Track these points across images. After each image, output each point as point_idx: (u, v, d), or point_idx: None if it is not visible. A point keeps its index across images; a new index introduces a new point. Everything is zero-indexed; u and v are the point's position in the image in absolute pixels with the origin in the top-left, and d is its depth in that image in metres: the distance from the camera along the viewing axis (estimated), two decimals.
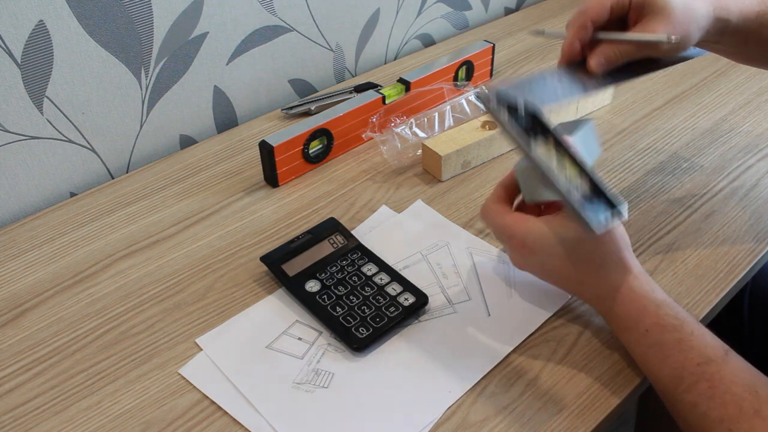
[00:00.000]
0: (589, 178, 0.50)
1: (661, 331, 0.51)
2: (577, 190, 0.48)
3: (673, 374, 0.50)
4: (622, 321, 0.54)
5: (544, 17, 1.12)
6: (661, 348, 0.51)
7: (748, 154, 0.79)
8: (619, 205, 0.49)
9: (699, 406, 0.48)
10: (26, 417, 0.54)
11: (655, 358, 0.51)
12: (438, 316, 0.61)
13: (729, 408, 0.47)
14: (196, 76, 0.83)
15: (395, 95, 0.83)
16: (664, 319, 0.51)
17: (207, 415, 0.53)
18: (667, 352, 0.50)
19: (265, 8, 0.85)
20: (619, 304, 0.53)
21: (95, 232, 0.71)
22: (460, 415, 0.53)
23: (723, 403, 0.47)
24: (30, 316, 0.62)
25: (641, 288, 0.53)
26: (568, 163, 0.50)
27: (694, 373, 0.49)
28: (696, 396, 0.48)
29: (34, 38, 0.68)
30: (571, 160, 0.51)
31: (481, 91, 0.52)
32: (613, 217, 0.49)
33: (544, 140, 0.51)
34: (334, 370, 0.56)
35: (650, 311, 0.52)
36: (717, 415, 0.47)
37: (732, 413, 0.47)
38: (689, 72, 0.96)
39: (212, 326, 0.60)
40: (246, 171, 0.80)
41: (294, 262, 0.64)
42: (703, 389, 0.48)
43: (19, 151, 0.73)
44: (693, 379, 0.49)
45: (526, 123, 0.51)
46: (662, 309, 0.52)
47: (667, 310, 0.52)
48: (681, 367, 0.50)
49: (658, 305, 0.52)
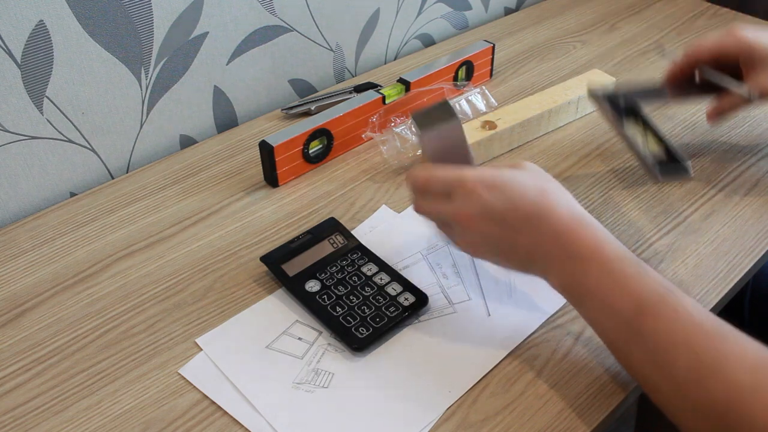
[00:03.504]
0: (665, 147, 0.68)
1: (621, 256, 0.50)
2: (654, 155, 0.68)
3: (633, 303, 0.48)
4: (582, 251, 0.50)
5: (544, 17, 1.12)
6: (625, 275, 0.49)
7: (748, 154, 0.79)
8: (684, 162, 0.66)
9: (659, 334, 0.46)
10: (26, 417, 0.54)
11: (620, 286, 0.48)
12: (438, 316, 0.61)
13: (693, 328, 0.46)
14: (196, 76, 0.83)
15: (395, 95, 0.83)
16: (620, 252, 0.50)
17: (207, 415, 0.53)
18: (630, 279, 0.48)
19: (265, 8, 0.85)
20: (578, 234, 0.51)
21: (95, 232, 0.71)
22: (460, 415, 0.53)
23: (686, 324, 0.46)
24: (30, 316, 0.62)
25: (593, 224, 0.52)
26: (651, 137, 0.70)
27: (659, 295, 0.47)
28: (656, 322, 0.47)
29: (34, 38, 0.68)
30: (653, 136, 0.70)
31: (590, 86, 0.73)
32: (679, 173, 0.67)
33: (634, 122, 0.71)
34: (334, 370, 0.56)
35: (603, 239, 0.51)
36: (681, 339, 0.46)
37: (696, 333, 0.46)
38: None
39: (212, 326, 0.60)
40: (246, 171, 0.80)
41: (294, 262, 0.64)
42: (667, 311, 0.47)
43: (19, 151, 0.73)
44: (656, 306, 0.47)
45: (622, 109, 0.71)
46: (615, 244, 0.51)
47: (617, 245, 0.51)
48: (644, 291, 0.48)
49: (610, 241, 0.51)
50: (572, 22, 1.11)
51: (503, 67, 0.98)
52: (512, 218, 0.52)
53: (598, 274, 0.49)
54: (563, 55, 1.01)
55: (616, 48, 1.03)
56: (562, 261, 0.51)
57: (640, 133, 0.69)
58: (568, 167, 0.78)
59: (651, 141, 0.68)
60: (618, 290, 0.48)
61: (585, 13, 1.13)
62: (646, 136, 0.69)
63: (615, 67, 0.97)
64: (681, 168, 0.65)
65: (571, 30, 1.08)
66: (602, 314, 0.50)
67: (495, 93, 0.92)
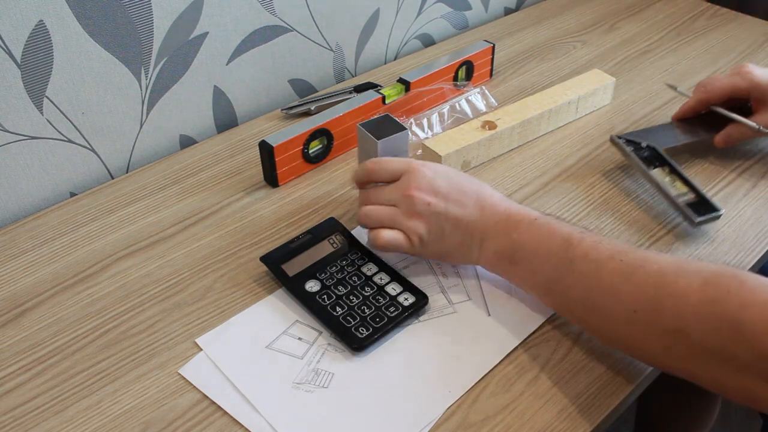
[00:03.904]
0: (695, 191, 0.69)
1: (544, 215, 0.58)
2: (684, 198, 0.69)
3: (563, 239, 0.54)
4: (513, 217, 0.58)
5: (544, 17, 1.12)
6: (550, 224, 0.56)
7: (748, 154, 0.79)
8: (718, 209, 0.67)
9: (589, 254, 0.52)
10: (26, 417, 0.54)
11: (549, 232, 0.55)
12: (438, 316, 0.61)
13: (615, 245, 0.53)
14: (196, 76, 0.83)
15: (395, 95, 0.83)
16: (545, 214, 0.58)
17: (207, 415, 0.53)
18: (555, 226, 0.56)
19: (265, 8, 0.85)
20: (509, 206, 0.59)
21: (95, 232, 0.71)
22: (460, 415, 0.53)
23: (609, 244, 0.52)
24: (30, 316, 0.62)
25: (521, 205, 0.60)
26: (679, 182, 0.71)
27: (581, 231, 0.55)
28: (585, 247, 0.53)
29: (34, 38, 0.68)
30: (681, 180, 0.71)
31: (613, 137, 0.76)
32: (710, 212, 0.67)
33: (661, 167, 0.72)
34: (334, 370, 0.56)
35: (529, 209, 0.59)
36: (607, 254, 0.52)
37: (618, 248, 0.52)
38: (689, 72, 0.96)
39: (212, 326, 0.60)
40: (246, 171, 0.80)
41: (294, 262, 0.64)
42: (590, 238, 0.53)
43: (19, 151, 0.73)
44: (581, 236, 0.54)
45: (647, 155, 0.73)
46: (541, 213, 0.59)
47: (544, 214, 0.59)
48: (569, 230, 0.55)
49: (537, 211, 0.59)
50: (572, 22, 1.11)
51: (503, 67, 0.98)
52: (455, 195, 0.59)
53: (529, 228, 0.56)
54: (563, 55, 1.01)
55: (616, 48, 1.03)
56: (499, 225, 0.58)
57: (667, 176, 0.71)
58: (567, 167, 0.78)
59: (678, 184, 0.70)
60: (546, 235, 0.55)
61: (585, 13, 1.13)
62: (674, 179, 0.71)
63: (615, 67, 0.97)
64: (712, 207, 0.67)
65: (571, 30, 1.08)
66: (537, 258, 0.55)
67: (495, 93, 0.92)
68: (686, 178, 0.71)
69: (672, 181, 0.70)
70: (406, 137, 0.67)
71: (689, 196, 0.69)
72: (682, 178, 0.71)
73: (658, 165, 0.72)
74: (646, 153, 0.74)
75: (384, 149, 0.66)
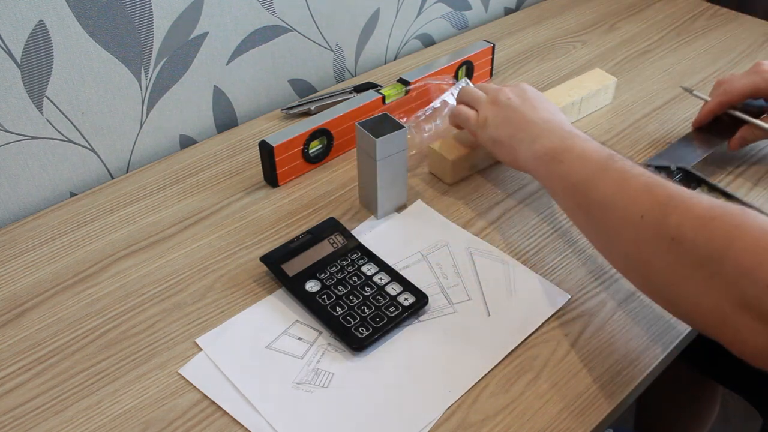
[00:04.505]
0: (742, 204, 0.66)
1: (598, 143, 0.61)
2: None
3: (609, 154, 0.58)
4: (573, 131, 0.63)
5: (544, 17, 1.12)
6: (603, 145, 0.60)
7: (748, 154, 0.79)
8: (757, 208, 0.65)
9: (625, 169, 0.55)
10: (26, 417, 0.54)
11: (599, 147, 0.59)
12: (438, 316, 0.61)
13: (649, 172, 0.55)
14: (196, 76, 0.83)
15: (395, 95, 0.83)
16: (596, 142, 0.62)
17: (207, 415, 0.53)
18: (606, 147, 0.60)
19: (265, 8, 0.85)
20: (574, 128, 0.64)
21: (95, 232, 0.71)
22: (460, 415, 0.53)
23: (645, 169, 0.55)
24: (30, 316, 0.62)
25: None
26: (723, 198, 0.66)
27: (626, 157, 0.58)
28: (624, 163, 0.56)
29: (34, 38, 0.68)
30: (724, 196, 0.70)
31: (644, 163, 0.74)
32: None
33: (699, 188, 0.72)
34: (334, 370, 0.56)
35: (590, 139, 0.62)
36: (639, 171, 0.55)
37: (651, 174, 0.54)
38: (689, 72, 0.96)
39: (212, 326, 0.60)
40: (246, 171, 0.80)
41: (294, 262, 0.64)
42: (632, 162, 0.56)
43: (19, 151, 0.73)
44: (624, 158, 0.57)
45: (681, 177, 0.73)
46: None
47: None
48: (617, 152, 0.58)
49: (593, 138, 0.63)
50: (572, 22, 1.11)
51: (503, 67, 0.99)
52: (534, 100, 0.68)
53: (583, 140, 0.61)
54: (563, 55, 1.01)
55: (616, 48, 1.03)
56: (556, 131, 0.63)
57: (710, 195, 0.70)
58: None
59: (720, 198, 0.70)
60: (597, 148, 0.59)
61: (585, 13, 1.13)
62: (717, 197, 0.69)
63: (615, 67, 0.97)
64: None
65: (571, 30, 1.08)
66: (579, 163, 0.59)
67: None
68: (728, 193, 0.70)
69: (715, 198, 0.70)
70: (404, 135, 0.67)
71: None
72: (724, 194, 0.70)
73: (695, 185, 0.72)
74: (679, 176, 0.73)
75: (382, 148, 0.66)
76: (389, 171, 0.68)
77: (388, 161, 0.67)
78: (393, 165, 0.68)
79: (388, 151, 0.67)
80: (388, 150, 0.67)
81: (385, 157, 0.67)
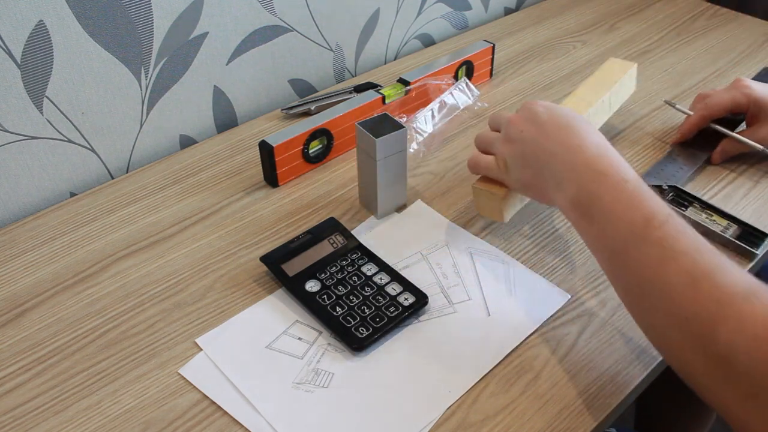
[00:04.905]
0: (735, 221, 0.69)
1: (637, 179, 0.53)
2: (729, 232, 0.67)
3: (644, 215, 0.50)
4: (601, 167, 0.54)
5: (544, 17, 1.12)
6: (639, 192, 0.51)
7: (748, 154, 0.79)
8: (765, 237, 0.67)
9: (666, 240, 0.48)
10: (26, 417, 0.54)
11: (633, 200, 0.51)
12: (438, 316, 0.61)
13: (694, 241, 0.48)
14: (196, 76, 0.83)
15: (395, 95, 0.83)
16: (636, 176, 0.54)
17: (207, 415, 0.53)
18: (643, 196, 0.51)
19: (265, 8, 0.85)
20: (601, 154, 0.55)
21: (95, 232, 0.71)
22: (460, 415, 0.53)
23: (689, 237, 0.48)
24: (30, 316, 0.62)
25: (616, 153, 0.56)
26: (716, 215, 0.70)
27: (667, 213, 0.50)
28: (664, 232, 0.48)
29: (34, 38, 0.68)
30: (717, 213, 0.70)
31: None
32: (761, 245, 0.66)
33: (692, 206, 0.71)
34: (334, 370, 0.56)
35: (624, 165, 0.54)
36: (683, 247, 0.47)
37: (697, 245, 0.48)
38: (689, 72, 0.96)
39: (212, 326, 0.60)
40: (246, 171, 0.80)
41: (294, 262, 0.64)
42: (674, 224, 0.49)
43: (19, 151, 0.73)
44: (664, 218, 0.49)
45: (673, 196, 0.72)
46: (633, 171, 0.54)
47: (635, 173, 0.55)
48: (655, 207, 0.50)
49: (629, 168, 0.54)
50: (572, 22, 1.11)
51: (503, 67, 0.99)
52: (548, 124, 0.59)
53: (615, 187, 0.52)
54: (563, 55, 1.01)
55: (616, 48, 1.03)
56: (581, 170, 0.54)
57: (702, 212, 0.70)
58: None
59: (717, 217, 0.69)
60: (631, 203, 0.51)
61: (585, 13, 1.13)
62: (710, 214, 0.70)
63: None
64: (761, 233, 0.67)
65: (571, 30, 1.08)
66: (611, 224, 0.51)
67: (495, 93, 0.92)
68: (720, 210, 0.70)
69: (709, 216, 0.69)
70: (404, 135, 0.67)
71: (733, 229, 0.68)
72: (716, 210, 0.70)
73: (688, 204, 0.71)
74: (671, 194, 0.72)
75: (382, 148, 0.66)
76: (389, 171, 0.69)
77: (388, 161, 0.67)
78: (393, 165, 0.68)
79: (388, 151, 0.67)
80: (388, 150, 0.67)
81: (385, 157, 0.67)
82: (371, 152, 0.67)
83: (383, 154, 0.67)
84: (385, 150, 0.66)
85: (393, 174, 0.69)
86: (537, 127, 0.59)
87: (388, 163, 0.68)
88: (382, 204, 0.71)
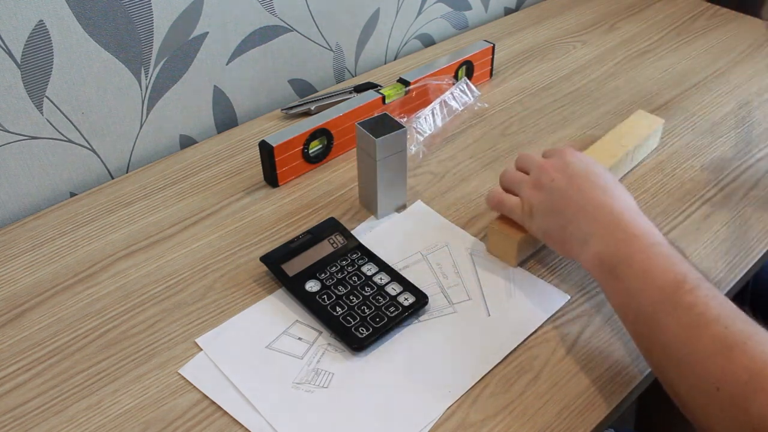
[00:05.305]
0: None
1: (669, 244, 0.52)
2: None
3: (676, 278, 0.49)
4: (632, 229, 0.53)
5: (544, 17, 1.12)
6: (670, 255, 0.51)
7: (748, 154, 0.79)
8: None
9: (697, 306, 0.47)
10: (26, 417, 0.54)
11: (665, 262, 0.50)
12: (438, 316, 0.61)
13: (726, 307, 0.46)
14: (196, 76, 0.83)
15: (395, 95, 0.83)
16: (666, 240, 0.53)
17: (207, 415, 0.53)
18: (674, 259, 0.50)
19: (265, 8, 0.85)
20: (632, 218, 0.55)
21: (95, 232, 0.71)
22: (460, 415, 0.53)
23: (721, 303, 0.47)
24: (30, 316, 0.62)
25: (647, 219, 0.55)
26: None
27: (698, 278, 0.49)
28: (695, 297, 0.47)
29: (34, 38, 0.68)
30: None
31: None
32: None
33: None
34: (334, 370, 0.56)
35: (655, 231, 0.54)
36: (714, 314, 0.46)
37: (728, 312, 0.46)
38: (689, 72, 0.96)
39: (212, 326, 0.60)
40: (246, 171, 0.80)
41: (294, 262, 0.64)
42: (705, 289, 0.48)
43: (19, 151, 0.73)
44: (696, 283, 0.48)
45: None
46: (662, 235, 0.54)
47: (664, 237, 0.54)
48: (687, 271, 0.49)
49: (658, 232, 0.54)
50: (572, 22, 1.11)
51: (503, 67, 0.99)
52: (581, 178, 0.58)
53: (644, 249, 0.51)
54: (563, 55, 1.01)
55: (616, 48, 1.03)
56: (611, 229, 0.54)
57: None
58: None
59: None
60: (662, 265, 0.50)
61: (585, 13, 1.13)
62: None
63: (615, 67, 0.97)
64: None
65: (571, 30, 1.08)
66: (640, 286, 0.50)
67: (495, 93, 0.92)
68: None
69: None
70: (404, 136, 0.68)
71: None
72: None
73: None
74: None
75: (382, 148, 0.66)
76: (389, 171, 0.69)
77: (388, 161, 0.67)
78: (393, 165, 0.68)
79: (388, 151, 0.67)
80: (388, 150, 0.67)
81: (385, 157, 0.67)
82: (371, 152, 0.67)
83: (383, 154, 0.67)
84: (385, 150, 0.66)
85: (393, 174, 0.69)
86: (569, 178, 0.58)
87: (388, 163, 0.68)
88: (382, 204, 0.71)
